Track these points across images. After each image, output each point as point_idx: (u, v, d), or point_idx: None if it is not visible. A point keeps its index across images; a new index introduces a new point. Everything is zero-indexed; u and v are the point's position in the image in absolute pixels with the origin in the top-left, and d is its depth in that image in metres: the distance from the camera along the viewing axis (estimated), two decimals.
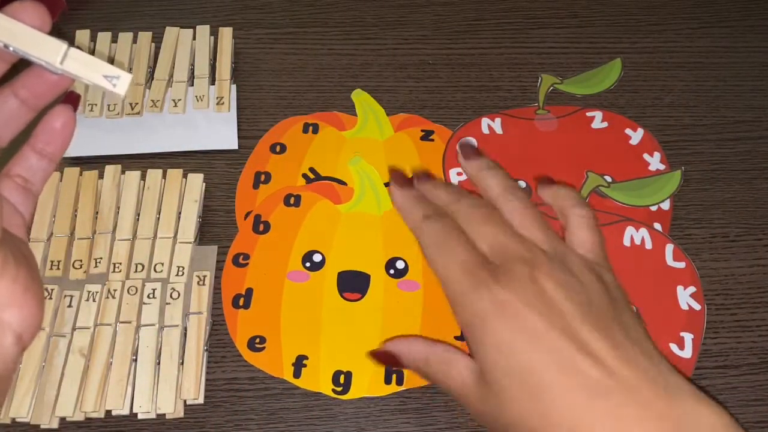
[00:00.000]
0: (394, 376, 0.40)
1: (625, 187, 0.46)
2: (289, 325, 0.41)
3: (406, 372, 0.40)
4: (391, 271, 0.43)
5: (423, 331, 0.41)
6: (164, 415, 0.38)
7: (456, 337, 0.41)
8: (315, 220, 0.44)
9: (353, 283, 0.42)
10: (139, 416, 0.38)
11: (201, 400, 0.39)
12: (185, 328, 0.40)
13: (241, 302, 0.41)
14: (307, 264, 0.43)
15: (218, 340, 0.41)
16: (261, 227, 0.44)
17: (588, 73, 0.51)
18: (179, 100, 0.48)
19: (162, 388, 0.38)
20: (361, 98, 0.50)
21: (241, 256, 0.43)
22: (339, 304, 0.42)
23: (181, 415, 0.39)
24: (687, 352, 0.41)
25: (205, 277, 0.41)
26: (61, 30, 0.52)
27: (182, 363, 0.39)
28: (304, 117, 0.49)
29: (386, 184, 0.46)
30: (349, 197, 0.45)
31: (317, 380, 0.39)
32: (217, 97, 0.48)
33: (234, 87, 0.50)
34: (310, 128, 0.48)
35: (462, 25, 0.54)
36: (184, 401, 0.39)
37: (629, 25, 0.54)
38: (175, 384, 0.38)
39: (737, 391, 0.40)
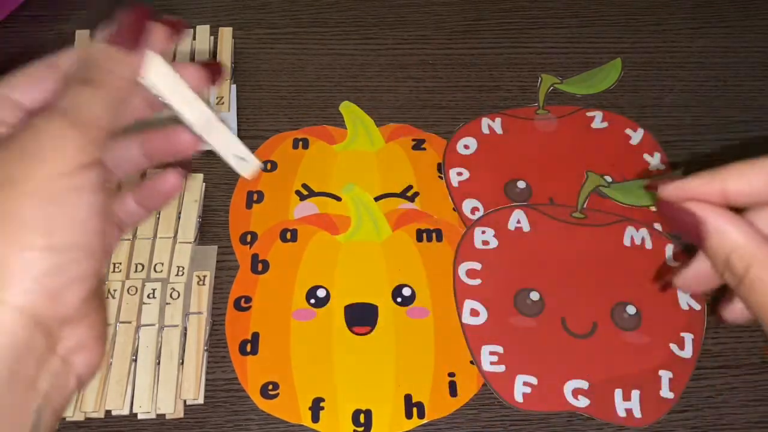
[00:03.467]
0: (414, 410, 0.39)
1: (624, 187, 0.46)
2: (301, 367, 0.40)
3: (426, 403, 0.39)
4: (399, 299, 0.42)
5: (437, 359, 0.40)
6: (164, 415, 0.38)
7: (471, 362, 0.40)
8: (314, 254, 0.43)
9: (361, 316, 0.41)
10: (139, 416, 0.38)
11: (201, 401, 0.39)
12: (185, 328, 0.40)
13: (248, 348, 0.40)
14: (312, 300, 0.42)
15: (218, 341, 0.41)
16: (260, 267, 0.43)
17: (588, 73, 0.51)
18: None
19: (162, 388, 0.38)
20: (349, 110, 0.49)
21: (243, 300, 0.42)
22: (349, 339, 0.41)
23: (181, 415, 0.39)
24: (687, 352, 0.41)
25: (205, 277, 0.41)
26: (62, 30, 0.52)
27: (182, 363, 0.39)
28: (293, 132, 0.48)
29: (377, 199, 0.45)
30: (347, 227, 0.44)
31: (337, 423, 0.39)
32: (216, 97, 0.48)
33: (234, 87, 0.50)
34: (300, 143, 0.47)
35: (462, 25, 0.54)
36: (184, 401, 0.39)
37: (629, 25, 0.54)
38: (174, 384, 0.38)
39: (737, 391, 0.40)
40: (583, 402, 0.39)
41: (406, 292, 0.42)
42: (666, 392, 0.40)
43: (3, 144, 0.21)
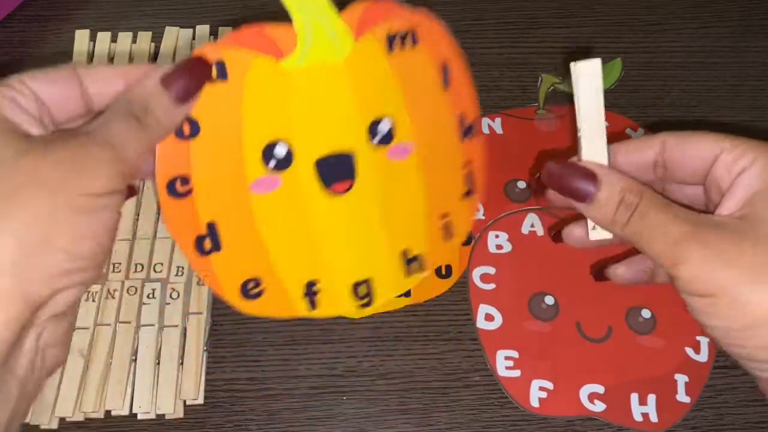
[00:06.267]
0: (414, 265, 0.34)
1: None
2: (280, 250, 0.32)
3: (424, 254, 0.34)
4: (375, 140, 0.32)
5: (429, 201, 0.33)
6: (164, 415, 0.38)
7: (464, 195, 0.34)
8: (257, 95, 0.30)
9: (337, 171, 0.31)
10: (139, 416, 0.38)
11: (201, 401, 0.39)
12: (185, 329, 0.40)
13: (207, 245, 0.30)
14: (272, 163, 0.30)
15: (218, 341, 0.41)
16: (186, 129, 0.28)
17: None
18: None
19: (162, 389, 0.38)
20: None
21: (178, 181, 0.29)
22: (328, 201, 0.32)
23: (181, 415, 0.39)
24: (703, 356, 0.41)
25: None
26: (61, 30, 0.52)
27: (182, 363, 0.39)
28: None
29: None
30: (292, 45, 0.30)
31: (337, 302, 0.33)
32: None
33: None
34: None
35: (462, 25, 0.54)
36: (184, 401, 0.39)
37: (630, 25, 0.54)
38: (174, 384, 0.38)
39: (738, 392, 0.40)
40: (599, 407, 0.39)
41: (384, 126, 0.32)
42: (682, 396, 0.40)
43: (61, 145, 0.23)
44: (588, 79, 0.28)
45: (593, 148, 0.28)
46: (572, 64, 0.28)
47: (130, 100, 0.25)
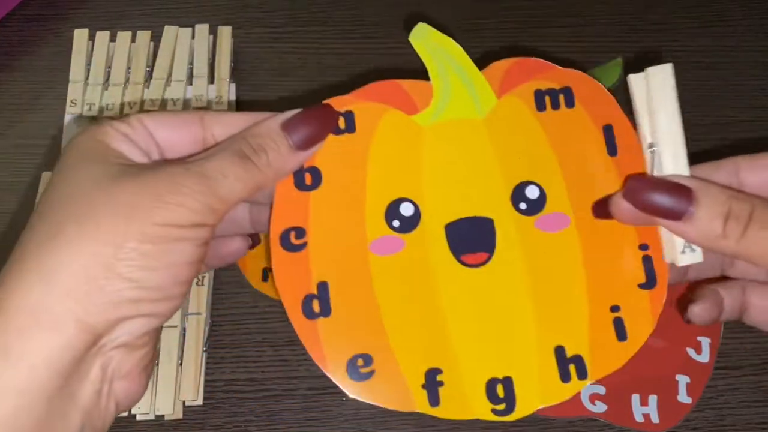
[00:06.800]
0: (572, 368, 0.27)
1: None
2: (399, 325, 0.27)
3: (586, 356, 0.27)
4: (522, 206, 0.28)
5: (593, 287, 0.27)
6: (163, 416, 0.38)
7: (641, 285, 0.27)
8: (386, 148, 0.28)
9: (472, 237, 0.28)
10: (138, 417, 0.38)
11: (200, 402, 0.39)
12: (184, 329, 0.40)
13: (316, 307, 0.27)
14: (395, 223, 0.28)
15: (217, 341, 0.41)
16: (308, 179, 0.27)
17: (589, 72, 0.51)
18: (178, 99, 0.47)
19: (161, 389, 0.38)
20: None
21: (293, 233, 0.27)
22: (459, 274, 0.27)
23: (180, 416, 0.39)
24: (704, 357, 0.41)
25: (204, 277, 0.41)
26: (60, 29, 0.52)
27: (181, 364, 0.39)
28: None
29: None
30: (427, 99, 0.28)
31: (465, 401, 0.27)
32: (216, 97, 0.48)
33: (233, 86, 0.49)
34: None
35: (462, 25, 0.54)
36: (183, 402, 0.39)
37: (630, 24, 0.54)
38: (173, 385, 0.38)
39: (739, 392, 0.40)
40: (600, 407, 0.39)
41: (533, 192, 0.28)
42: (683, 397, 0.39)
43: (152, 173, 0.22)
44: (662, 85, 0.26)
45: (674, 161, 0.25)
46: (632, 76, 0.26)
47: (245, 137, 0.24)
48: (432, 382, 0.27)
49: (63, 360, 0.20)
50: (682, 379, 0.40)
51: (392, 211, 0.28)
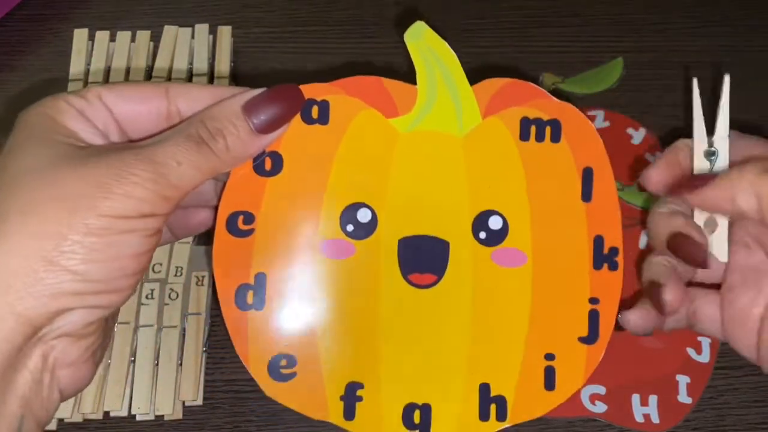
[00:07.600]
0: (493, 407, 0.27)
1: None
2: (330, 333, 0.27)
3: (510, 398, 0.27)
4: (482, 235, 0.27)
5: (534, 332, 0.27)
6: (162, 416, 0.38)
7: (581, 339, 0.27)
8: (357, 148, 0.27)
9: (423, 258, 0.27)
10: (138, 418, 0.38)
11: (200, 402, 0.39)
12: (184, 329, 0.40)
13: (249, 299, 0.26)
14: (350, 227, 0.27)
15: (217, 341, 0.41)
16: (268, 164, 0.26)
17: (589, 72, 0.51)
18: None
19: (160, 390, 0.38)
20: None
21: (241, 217, 0.26)
22: (403, 292, 0.27)
23: (180, 416, 0.39)
24: (704, 357, 0.41)
25: (203, 277, 0.41)
26: (60, 29, 0.52)
27: (181, 364, 0.39)
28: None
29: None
30: (410, 104, 0.27)
31: (380, 421, 0.26)
32: None
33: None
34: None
35: (462, 25, 0.54)
36: (183, 403, 0.39)
37: (631, 24, 0.54)
38: (173, 385, 0.38)
39: (739, 392, 0.40)
40: (600, 407, 0.39)
41: (495, 223, 0.27)
42: (684, 397, 0.39)
43: (101, 158, 0.21)
44: (723, 94, 0.29)
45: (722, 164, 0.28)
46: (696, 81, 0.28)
47: (203, 120, 0.23)
48: (351, 395, 0.26)
49: (0, 352, 0.20)
50: (683, 379, 0.40)
51: (349, 214, 0.27)
